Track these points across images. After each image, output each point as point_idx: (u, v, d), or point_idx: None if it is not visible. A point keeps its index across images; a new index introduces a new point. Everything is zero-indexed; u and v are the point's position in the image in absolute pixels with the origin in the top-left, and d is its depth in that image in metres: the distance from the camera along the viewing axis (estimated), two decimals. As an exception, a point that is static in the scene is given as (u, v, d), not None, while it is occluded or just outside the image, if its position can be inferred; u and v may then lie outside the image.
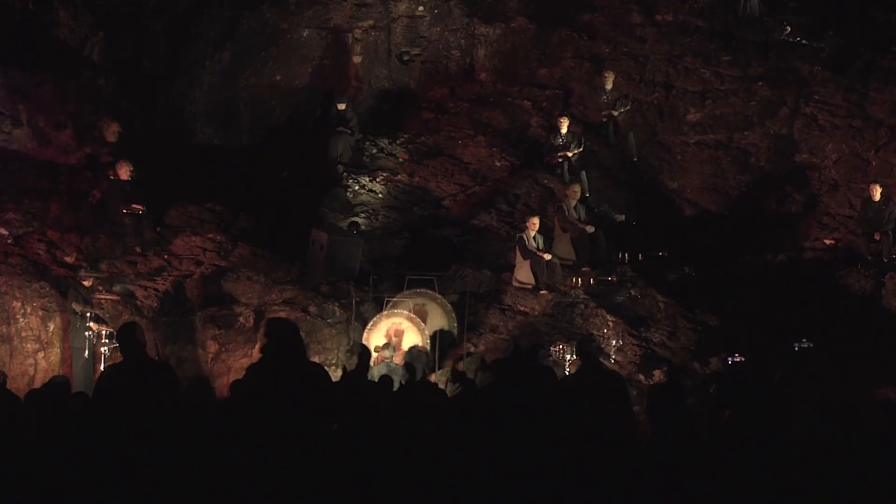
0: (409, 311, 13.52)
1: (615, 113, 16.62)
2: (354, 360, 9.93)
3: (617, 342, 12.82)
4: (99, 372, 11.26)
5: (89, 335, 12.08)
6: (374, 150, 17.14)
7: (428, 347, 13.28)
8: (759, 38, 17.31)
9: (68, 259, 13.04)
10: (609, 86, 16.77)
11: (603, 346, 12.81)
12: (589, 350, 11.34)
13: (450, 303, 13.75)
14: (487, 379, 8.36)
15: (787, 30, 17.34)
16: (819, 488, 6.71)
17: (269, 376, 6.19)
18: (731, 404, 8.97)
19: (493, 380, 8.49)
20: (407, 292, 13.59)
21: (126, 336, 6.68)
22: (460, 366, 12.68)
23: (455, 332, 13.55)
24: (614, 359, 12.58)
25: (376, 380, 10.74)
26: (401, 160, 16.95)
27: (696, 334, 13.33)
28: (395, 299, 13.59)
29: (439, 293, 13.76)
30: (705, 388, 11.00)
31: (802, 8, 17.54)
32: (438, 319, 13.62)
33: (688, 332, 13.37)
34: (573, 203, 14.77)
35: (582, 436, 7.26)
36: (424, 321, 13.56)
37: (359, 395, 9.35)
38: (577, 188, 14.95)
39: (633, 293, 14.04)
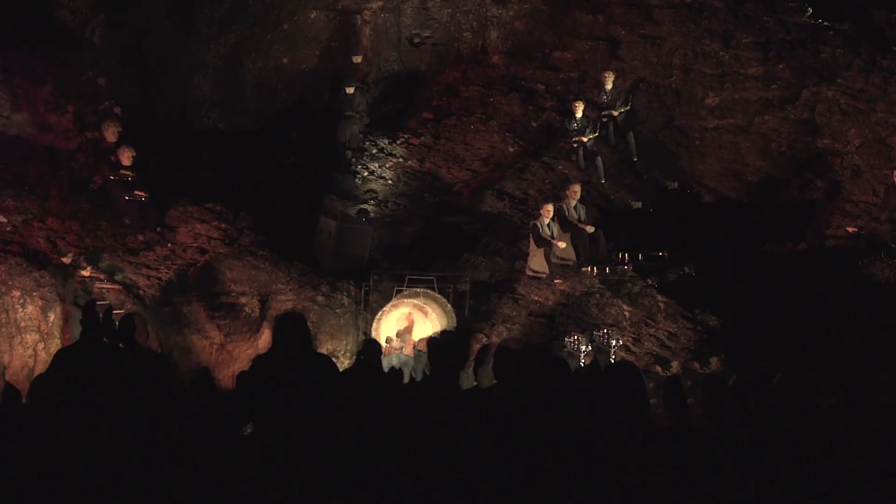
0: (419, 300, 13.26)
1: (615, 113, 16.23)
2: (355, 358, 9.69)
3: (617, 342, 12.46)
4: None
5: None
6: (375, 150, 16.78)
7: (447, 330, 13.03)
8: (779, 21, 16.85)
9: (65, 259, 12.72)
10: (609, 86, 16.34)
11: (606, 341, 12.45)
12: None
13: (458, 292, 13.45)
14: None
15: (808, 11, 16.89)
16: (837, 483, 6.35)
17: (276, 368, 6.12)
18: (744, 400, 8.67)
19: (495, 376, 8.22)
20: (407, 292, 13.28)
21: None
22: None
23: (455, 331, 13.24)
24: (614, 358, 12.20)
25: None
26: (400, 155, 16.59)
27: (696, 334, 13.00)
28: (404, 289, 13.31)
29: (447, 284, 13.47)
30: (708, 386, 10.68)
31: (803, 7, 17.04)
32: (438, 319, 13.32)
33: (688, 332, 13.04)
34: (573, 203, 14.42)
35: (595, 428, 6.94)
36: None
37: (364, 388, 9.08)
38: (577, 188, 14.58)
39: (649, 281, 13.72)
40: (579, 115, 15.84)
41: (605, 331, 12.62)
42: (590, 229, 14.13)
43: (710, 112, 16.50)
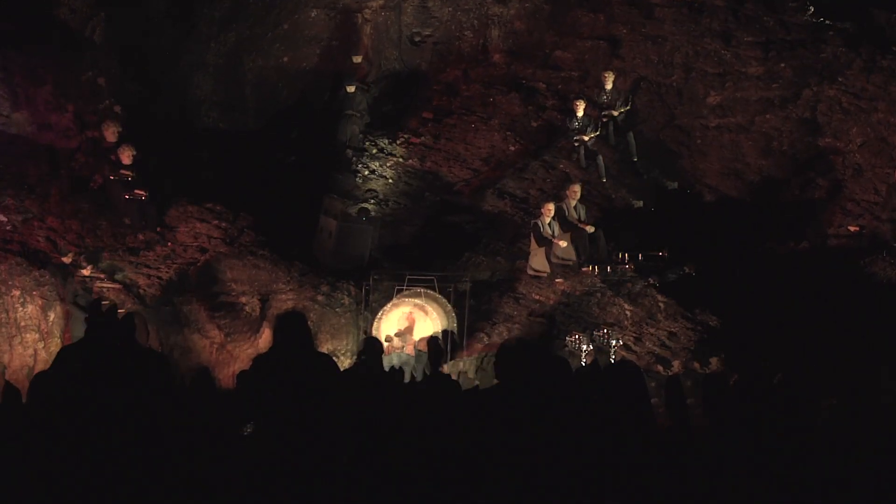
0: (419, 300, 13.20)
1: (615, 113, 16.13)
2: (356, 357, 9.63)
3: (618, 342, 12.42)
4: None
5: None
6: (374, 150, 16.73)
7: (440, 334, 12.99)
8: (780, 20, 16.79)
9: (65, 259, 12.64)
10: (609, 86, 16.24)
11: (606, 341, 12.40)
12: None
13: (459, 291, 13.42)
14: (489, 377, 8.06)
15: (810, 10, 16.83)
16: (837, 483, 6.33)
17: (277, 367, 6.08)
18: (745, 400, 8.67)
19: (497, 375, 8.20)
20: (407, 292, 13.25)
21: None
22: (461, 365, 12.40)
23: (455, 331, 13.19)
24: (614, 358, 12.15)
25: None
26: (400, 155, 16.53)
27: (696, 334, 12.96)
28: (405, 288, 13.27)
29: (448, 283, 13.43)
30: (708, 386, 10.68)
31: (805, 6, 16.97)
32: (439, 319, 13.28)
33: (688, 332, 13.00)
34: (573, 203, 14.36)
35: (596, 428, 6.91)
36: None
37: (365, 387, 9.06)
38: (577, 188, 14.52)
39: (651, 280, 13.68)
40: (580, 113, 15.77)
41: (605, 331, 12.58)
42: (590, 229, 14.07)
43: (712, 111, 16.44)
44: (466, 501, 5.95)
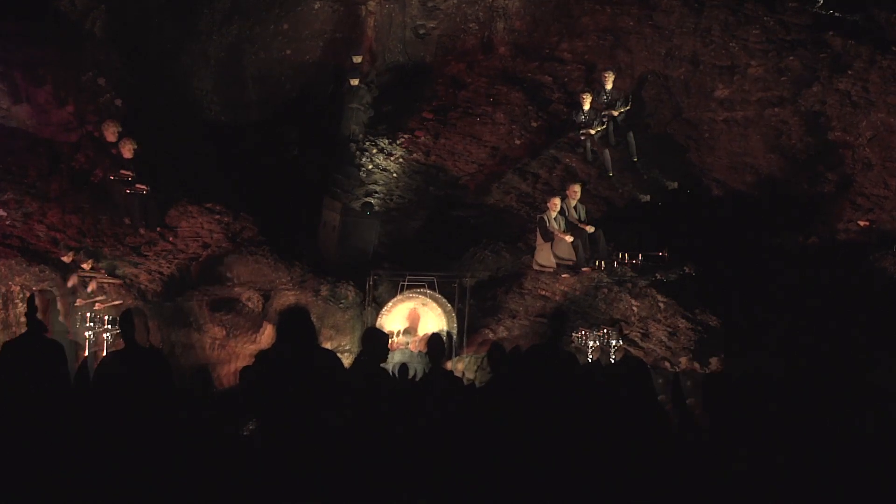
0: (423, 297, 13.10)
1: (615, 113, 15.94)
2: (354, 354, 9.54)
3: (618, 342, 12.26)
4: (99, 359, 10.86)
5: (90, 335, 11.54)
6: (374, 150, 16.58)
7: (445, 331, 12.89)
8: (790, 12, 16.62)
9: (65, 259, 12.49)
10: (609, 86, 16.07)
11: (607, 341, 12.24)
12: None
13: (463, 287, 13.31)
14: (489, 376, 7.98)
15: (819, 2, 16.66)
16: (850, 481, 6.23)
17: (280, 363, 6.07)
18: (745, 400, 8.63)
19: (498, 374, 8.18)
20: (407, 292, 13.15)
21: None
22: (461, 365, 12.28)
23: (455, 332, 13.08)
24: (614, 358, 12.00)
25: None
26: (401, 154, 16.38)
27: (696, 334, 12.83)
28: (406, 283, 13.17)
29: (452, 280, 13.32)
30: (708, 385, 10.61)
31: (803, 7, 16.77)
32: (438, 320, 13.16)
33: (688, 332, 12.87)
34: (573, 203, 14.22)
35: (600, 425, 6.86)
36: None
37: (369, 384, 8.98)
38: (577, 188, 14.38)
39: (658, 276, 13.54)
40: (587, 107, 15.65)
41: (606, 330, 12.45)
42: (590, 229, 13.95)
43: (720, 104, 16.28)
44: (466, 497, 5.87)
